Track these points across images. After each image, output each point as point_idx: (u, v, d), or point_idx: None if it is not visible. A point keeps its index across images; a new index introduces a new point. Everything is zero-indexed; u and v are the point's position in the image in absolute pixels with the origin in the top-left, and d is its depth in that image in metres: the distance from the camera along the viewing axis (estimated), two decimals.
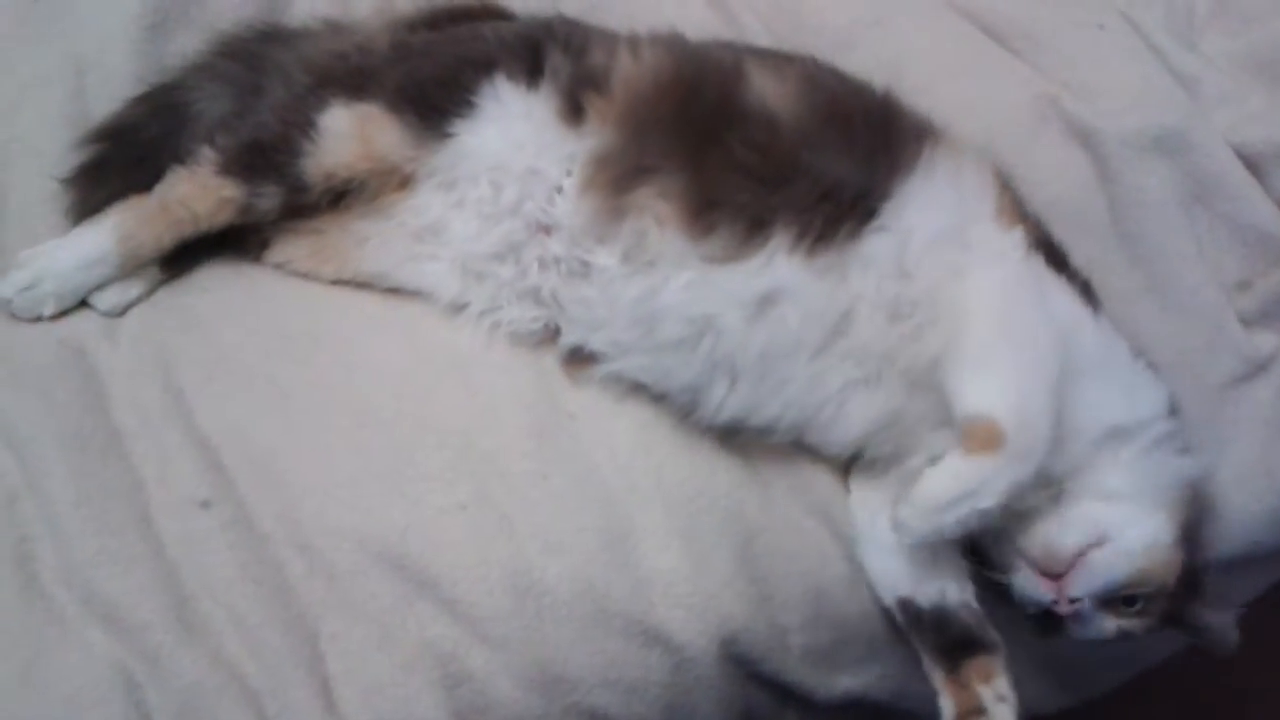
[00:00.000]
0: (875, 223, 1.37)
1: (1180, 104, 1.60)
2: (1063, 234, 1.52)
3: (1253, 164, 1.59)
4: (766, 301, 1.37)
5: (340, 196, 1.54)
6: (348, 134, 1.50)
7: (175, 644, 1.32)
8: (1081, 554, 1.32)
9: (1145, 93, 1.61)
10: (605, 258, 1.43)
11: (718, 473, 1.43)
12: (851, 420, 1.41)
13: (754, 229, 1.38)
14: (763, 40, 1.71)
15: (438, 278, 1.52)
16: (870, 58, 1.63)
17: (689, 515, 1.39)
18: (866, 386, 1.40)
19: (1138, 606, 1.34)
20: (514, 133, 1.48)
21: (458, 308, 1.51)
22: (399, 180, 1.52)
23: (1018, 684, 1.39)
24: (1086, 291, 1.43)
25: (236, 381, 1.47)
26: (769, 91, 1.44)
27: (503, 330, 1.50)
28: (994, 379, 1.29)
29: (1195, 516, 1.38)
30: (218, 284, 1.58)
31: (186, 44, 1.71)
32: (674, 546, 1.37)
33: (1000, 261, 1.37)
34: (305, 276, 1.57)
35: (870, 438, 1.42)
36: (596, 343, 1.45)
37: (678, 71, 1.46)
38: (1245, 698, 2.09)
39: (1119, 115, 1.58)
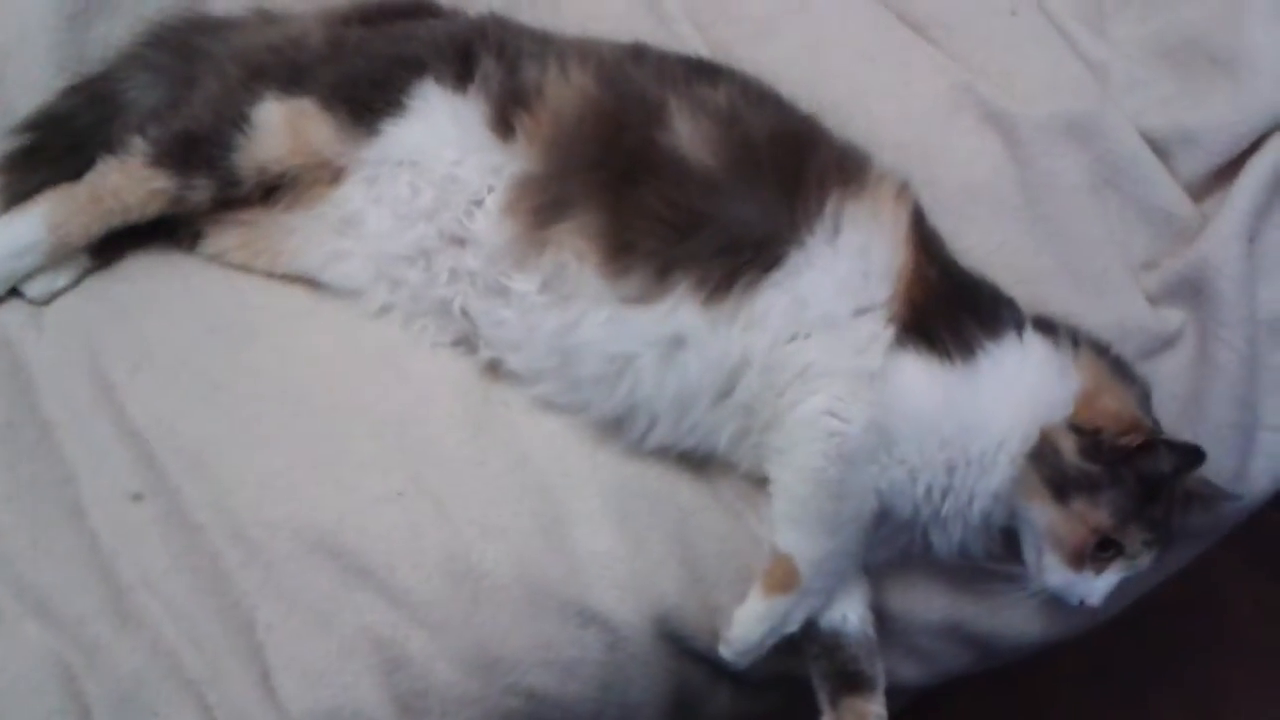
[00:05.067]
0: (772, 277, 1.39)
1: (1090, 90, 1.63)
2: (977, 217, 1.57)
3: (1159, 148, 1.63)
4: (675, 345, 1.40)
5: (272, 190, 1.53)
6: (280, 128, 1.50)
7: (112, 635, 1.33)
8: None
9: (1057, 79, 1.64)
10: (524, 284, 1.44)
11: (650, 456, 1.45)
12: (751, 461, 1.45)
13: (663, 273, 1.40)
14: (685, 29, 1.72)
15: (358, 279, 1.52)
16: (792, 44, 1.66)
17: (623, 498, 1.42)
18: (747, 437, 1.44)
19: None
20: (439, 133, 1.49)
21: (383, 310, 1.52)
22: (330, 174, 1.52)
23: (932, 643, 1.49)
24: (993, 319, 1.44)
25: (166, 372, 1.47)
26: (685, 136, 1.44)
27: (427, 338, 1.50)
28: (802, 529, 1.39)
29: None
30: (146, 273, 1.57)
31: (108, 32, 1.70)
32: (608, 529, 1.40)
33: (854, 384, 1.38)
34: (238, 269, 1.56)
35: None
36: (514, 363, 1.47)
37: (602, 103, 1.47)
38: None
39: (1031, 101, 1.61)
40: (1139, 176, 1.60)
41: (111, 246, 1.56)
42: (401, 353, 1.49)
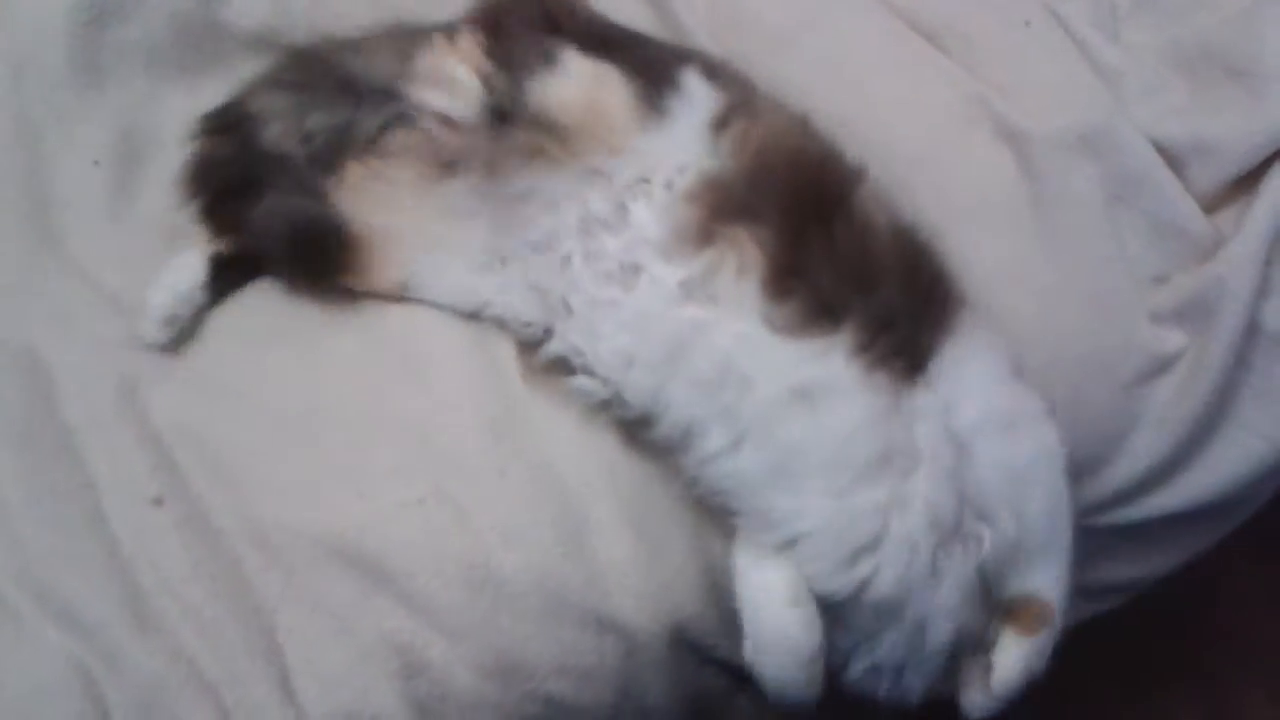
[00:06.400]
0: (923, 377, 1.36)
1: (1104, 103, 1.63)
2: (988, 231, 1.57)
3: (1174, 158, 1.62)
4: (810, 392, 1.34)
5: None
6: (581, 79, 1.46)
7: (131, 640, 1.34)
8: None
9: (1070, 92, 1.64)
10: (665, 273, 1.38)
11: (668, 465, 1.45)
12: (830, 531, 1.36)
13: (826, 314, 1.35)
14: (702, 41, 1.71)
15: (458, 273, 1.50)
16: (806, 57, 1.66)
17: (641, 507, 1.42)
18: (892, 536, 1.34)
19: None
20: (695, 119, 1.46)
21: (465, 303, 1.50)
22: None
23: None
24: None
25: (187, 377, 1.48)
26: (870, 203, 1.43)
27: (492, 318, 1.49)
28: (1052, 566, 1.38)
29: None
30: None
31: (123, 37, 1.71)
32: (627, 538, 1.40)
33: (1046, 449, 1.39)
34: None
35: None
36: (600, 350, 1.40)
37: (807, 139, 1.47)
38: None
39: (1044, 115, 1.61)
40: (1151, 191, 1.60)
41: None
42: (425, 361, 1.49)
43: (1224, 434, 1.56)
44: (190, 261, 1.52)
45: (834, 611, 1.35)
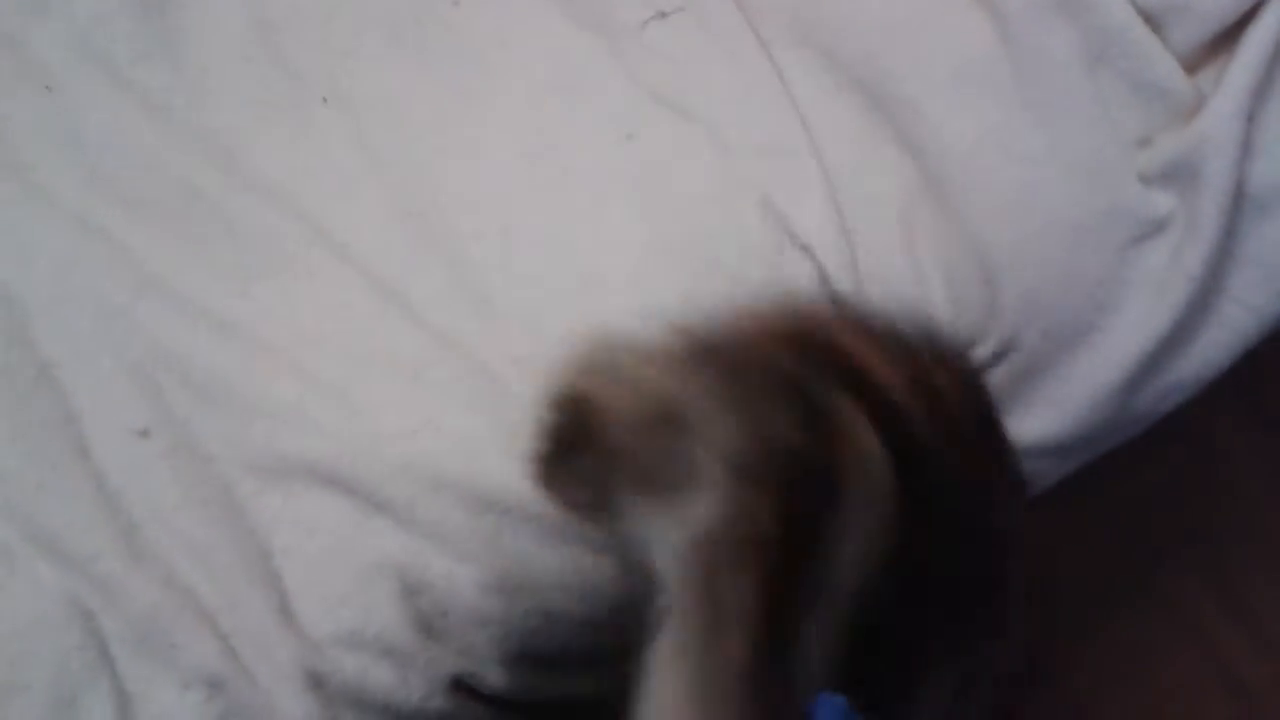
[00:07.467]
0: None
1: None
2: (968, 100, 1.54)
3: (1151, 17, 1.58)
4: None
5: None
6: None
7: (125, 571, 1.33)
8: None
9: None
10: None
11: None
12: None
13: None
14: None
15: None
16: None
17: None
18: None
19: None
20: None
21: None
22: None
23: None
24: None
25: (169, 306, 1.43)
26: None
27: None
28: None
29: None
30: (146, 204, 1.50)
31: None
32: None
33: None
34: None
35: None
36: None
37: None
38: None
39: None
40: (1131, 50, 1.56)
41: None
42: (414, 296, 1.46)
43: (1215, 306, 1.55)
44: None
45: None
